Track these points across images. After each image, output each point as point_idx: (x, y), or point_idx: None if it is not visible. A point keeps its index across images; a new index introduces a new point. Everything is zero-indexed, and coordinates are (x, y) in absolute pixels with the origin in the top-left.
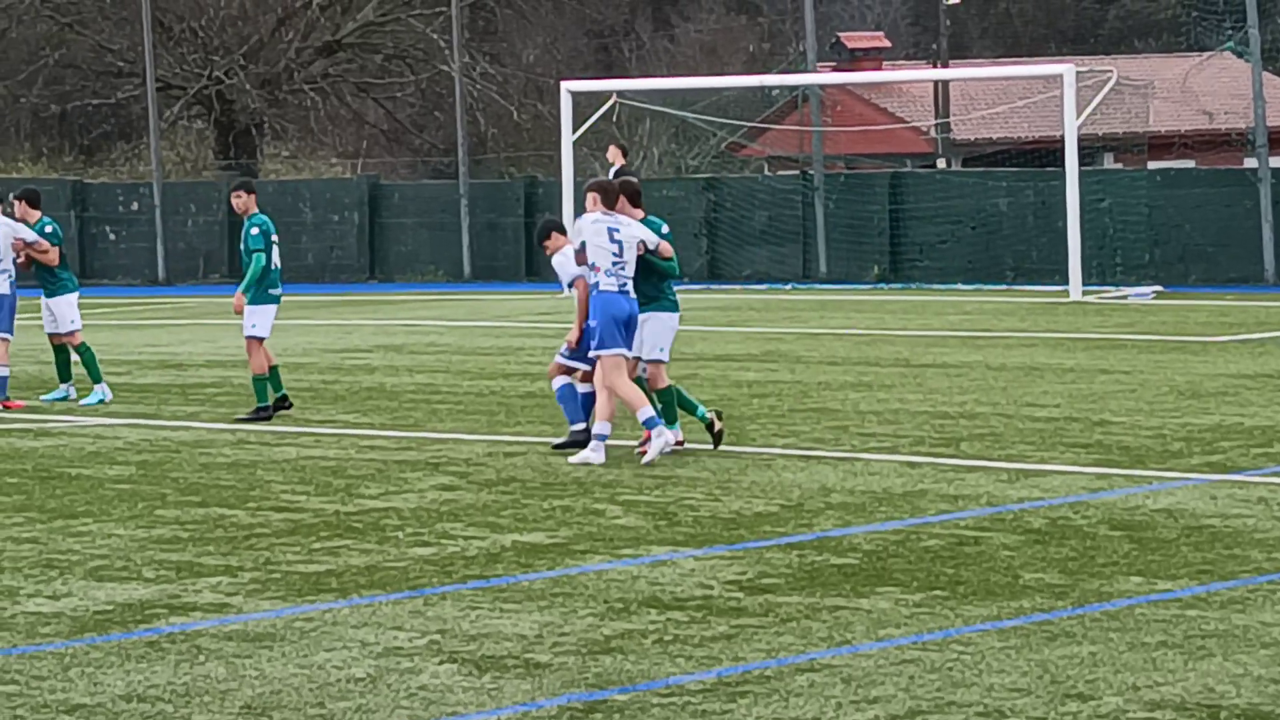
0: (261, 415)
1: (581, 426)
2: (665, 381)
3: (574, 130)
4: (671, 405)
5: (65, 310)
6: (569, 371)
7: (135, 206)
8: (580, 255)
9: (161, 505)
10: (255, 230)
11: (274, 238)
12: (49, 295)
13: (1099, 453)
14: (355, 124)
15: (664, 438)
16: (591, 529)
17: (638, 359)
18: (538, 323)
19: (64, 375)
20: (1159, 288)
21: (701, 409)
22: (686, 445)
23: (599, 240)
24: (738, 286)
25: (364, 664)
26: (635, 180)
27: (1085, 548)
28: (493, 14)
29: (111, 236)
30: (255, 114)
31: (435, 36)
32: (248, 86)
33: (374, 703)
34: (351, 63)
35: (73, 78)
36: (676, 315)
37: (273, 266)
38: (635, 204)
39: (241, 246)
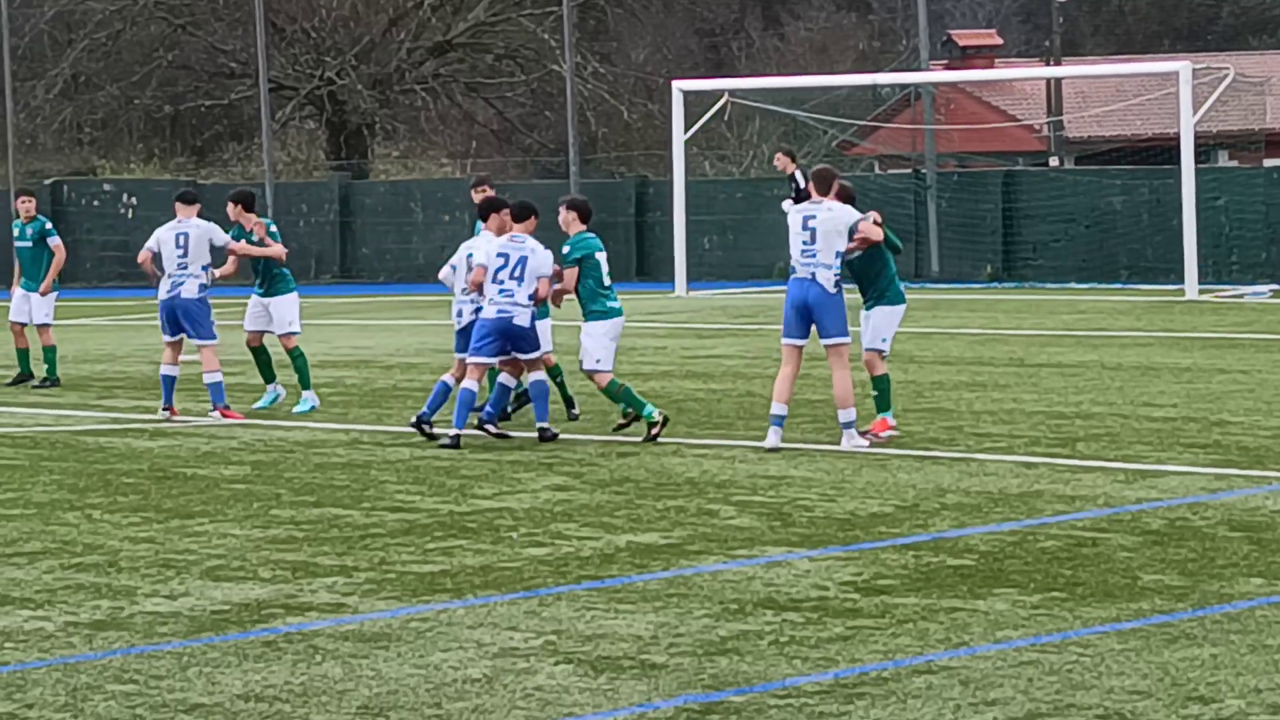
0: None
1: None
2: (882, 369)
3: (685, 130)
4: (886, 393)
5: (284, 311)
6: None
7: None
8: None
9: (276, 505)
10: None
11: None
12: (266, 295)
13: (1217, 453)
14: (465, 124)
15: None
16: (706, 529)
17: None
18: (647, 322)
19: (268, 376)
20: (1276, 286)
21: (649, 408)
22: (790, 444)
23: (795, 228)
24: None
25: (480, 664)
26: (849, 184)
27: (1205, 549)
28: (603, 13)
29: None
30: (366, 114)
31: (546, 36)
32: (359, 87)
33: (490, 703)
34: (462, 63)
35: (186, 79)
36: (902, 306)
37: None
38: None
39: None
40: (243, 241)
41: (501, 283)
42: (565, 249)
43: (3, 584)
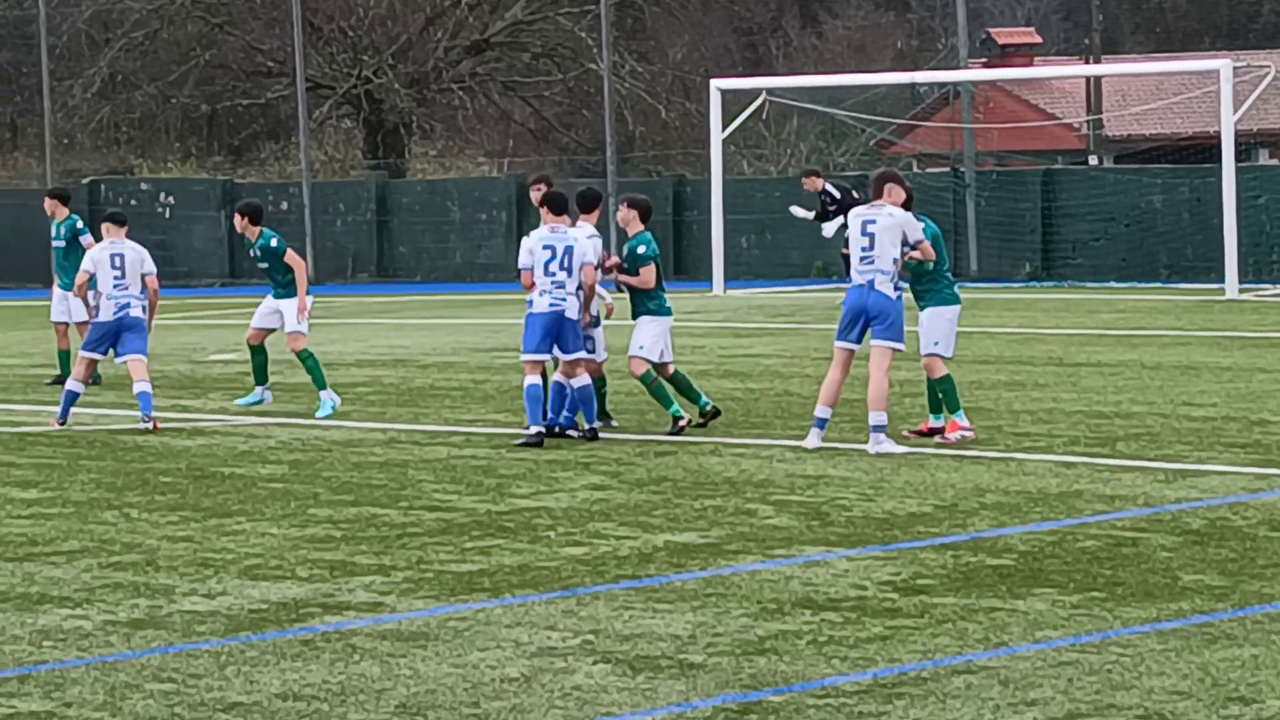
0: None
1: (538, 429)
2: (942, 371)
3: (723, 128)
4: (951, 394)
5: (291, 313)
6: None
7: (284, 206)
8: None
9: (314, 504)
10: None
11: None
12: (280, 297)
13: (1258, 452)
14: (503, 123)
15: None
16: (744, 529)
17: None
18: (685, 321)
19: (260, 378)
20: None
21: (704, 399)
22: (829, 444)
23: (854, 234)
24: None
25: (518, 664)
26: (908, 185)
27: (1245, 549)
28: (641, 12)
29: None
30: (403, 113)
31: (583, 35)
32: (396, 86)
33: (528, 703)
34: (499, 61)
35: (223, 78)
36: (955, 307)
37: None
38: (905, 207)
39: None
40: (295, 302)
41: (553, 274)
42: (641, 248)
43: (41, 582)
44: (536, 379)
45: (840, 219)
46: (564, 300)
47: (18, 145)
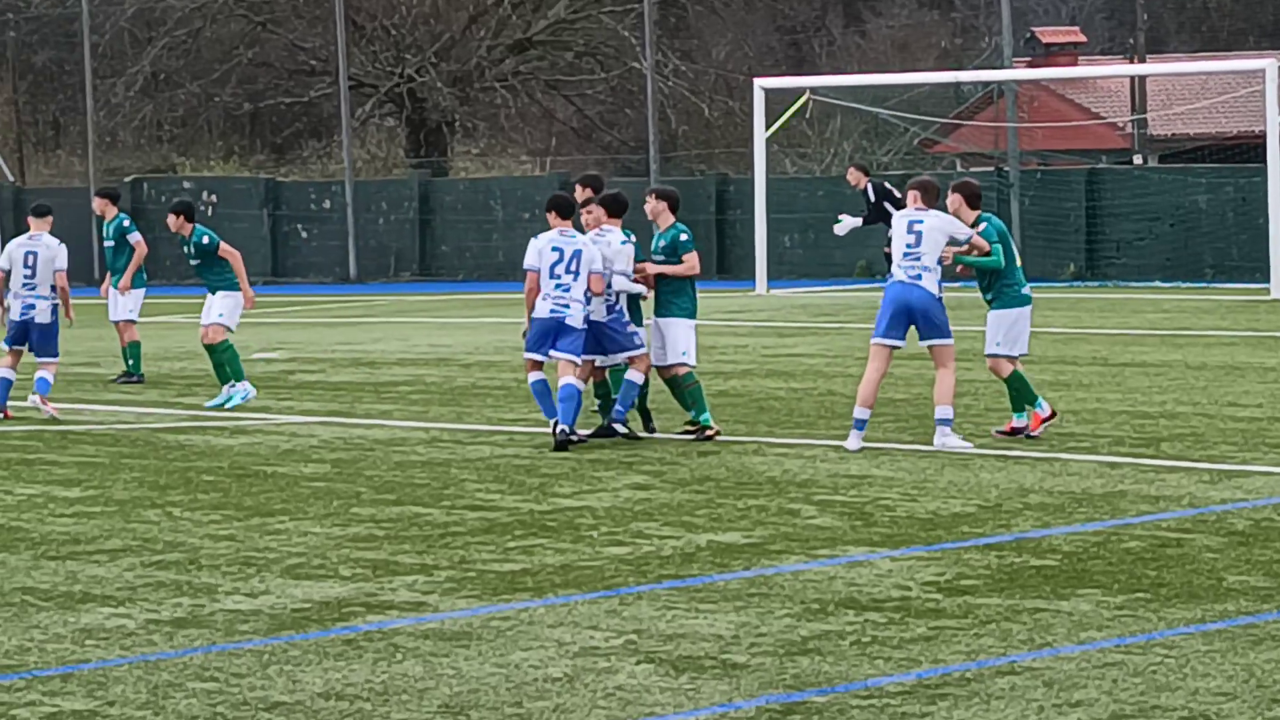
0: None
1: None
2: (1007, 370)
3: (766, 127)
4: (1025, 389)
5: (218, 305)
6: (539, 366)
7: (327, 205)
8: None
9: (357, 503)
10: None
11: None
12: (213, 292)
13: None
14: (545, 121)
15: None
16: (787, 529)
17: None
18: (728, 321)
19: (222, 377)
20: None
21: (706, 415)
22: (872, 443)
23: (899, 232)
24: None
25: (560, 663)
26: (975, 182)
27: None
28: (684, 10)
29: (303, 234)
30: (446, 112)
31: (626, 33)
32: (439, 84)
33: (571, 702)
34: (542, 60)
35: (265, 76)
36: (1015, 310)
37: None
38: (973, 206)
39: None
40: (228, 296)
41: (558, 278)
42: (684, 235)
43: (84, 581)
44: (541, 375)
45: (858, 220)
46: (567, 307)
47: (60, 144)
